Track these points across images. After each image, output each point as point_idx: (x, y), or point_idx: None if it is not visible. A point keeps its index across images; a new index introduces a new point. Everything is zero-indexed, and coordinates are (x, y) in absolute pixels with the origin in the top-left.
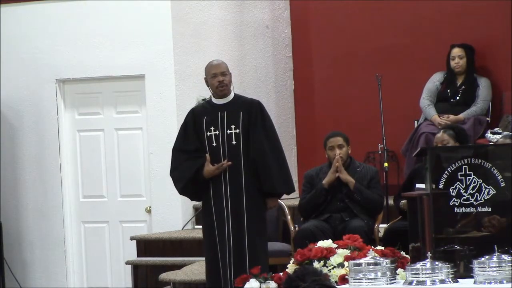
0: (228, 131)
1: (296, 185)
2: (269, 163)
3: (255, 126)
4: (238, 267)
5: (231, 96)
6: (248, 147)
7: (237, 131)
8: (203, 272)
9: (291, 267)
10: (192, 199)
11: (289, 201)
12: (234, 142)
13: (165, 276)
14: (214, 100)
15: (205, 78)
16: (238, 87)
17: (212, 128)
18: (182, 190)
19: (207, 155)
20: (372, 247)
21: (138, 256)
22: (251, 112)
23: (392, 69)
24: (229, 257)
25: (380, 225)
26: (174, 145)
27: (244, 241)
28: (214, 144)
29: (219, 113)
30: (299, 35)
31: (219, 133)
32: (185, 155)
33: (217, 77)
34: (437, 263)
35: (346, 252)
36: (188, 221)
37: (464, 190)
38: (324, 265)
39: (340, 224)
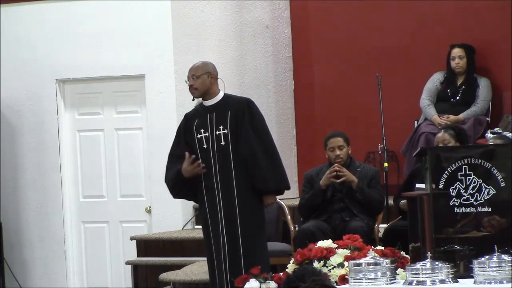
0: (217, 132)
1: (296, 185)
2: (259, 161)
3: (242, 124)
4: (233, 266)
5: (220, 96)
6: (237, 146)
7: (226, 131)
8: (203, 272)
9: (291, 267)
10: (191, 201)
11: (289, 201)
12: (223, 143)
13: (165, 276)
14: (204, 102)
15: None
16: (238, 87)
17: (202, 130)
18: (175, 195)
19: (187, 153)
20: (372, 247)
21: (138, 256)
22: (238, 111)
23: (392, 69)
24: (224, 257)
25: (380, 225)
26: (168, 156)
27: (239, 240)
28: (205, 146)
29: (208, 114)
30: (299, 35)
31: (208, 135)
32: (176, 159)
33: (189, 80)
34: (437, 263)
35: (346, 252)
36: (188, 221)
37: (464, 190)
38: (324, 265)
39: (340, 224)
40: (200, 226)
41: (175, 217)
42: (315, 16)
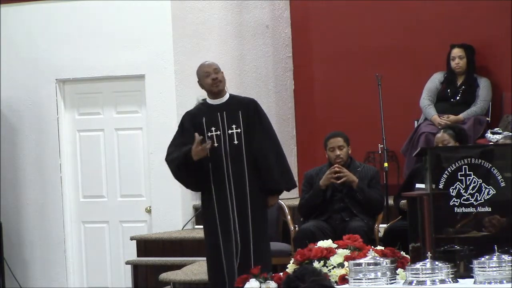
0: (229, 131)
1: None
2: (270, 161)
3: (254, 125)
4: (244, 268)
5: (227, 96)
6: (249, 146)
7: (239, 130)
8: (203, 272)
9: (291, 267)
10: (189, 187)
11: (289, 201)
12: (236, 142)
13: (165, 276)
14: (210, 101)
15: (198, 82)
16: (238, 87)
17: (213, 129)
18: (176, 173)
19: (196, 134)
20: (372, 247)
21: (138, 256)
22: (248, 111)
23: (392, 69)
24: (236, 259)
25: (380, 225)
26: (169, 144)
27: (250, 242)
28: (216, 144)
29: (218, 113)
30: (299, 35)
31: (220, 134)
32: (178, 148)
33: (211, 75)
34: (437, 263)
35: (346, 252)
36: (188, 221)
37: (464, 190)
38: (324, 265)
39: (340, 224)
40: (200, 226)
41: (175, 217)
42: (315, 16)
